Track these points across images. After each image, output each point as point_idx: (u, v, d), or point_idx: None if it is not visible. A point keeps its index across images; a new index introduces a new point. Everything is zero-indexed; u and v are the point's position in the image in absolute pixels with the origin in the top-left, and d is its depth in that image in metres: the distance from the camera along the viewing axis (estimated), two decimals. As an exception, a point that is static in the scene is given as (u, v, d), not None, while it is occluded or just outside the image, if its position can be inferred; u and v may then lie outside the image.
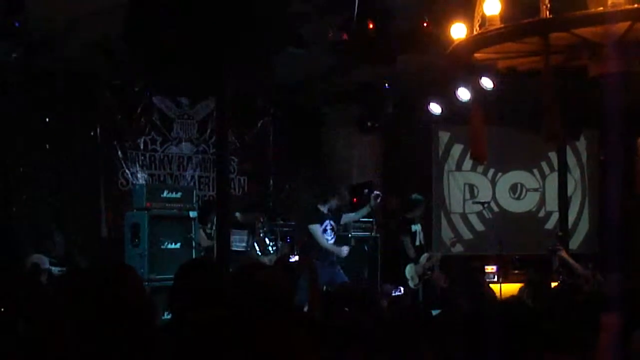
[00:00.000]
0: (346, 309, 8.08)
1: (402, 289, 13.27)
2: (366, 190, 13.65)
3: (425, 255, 13.88)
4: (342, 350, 4.82)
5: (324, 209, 12.49)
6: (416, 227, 14.24)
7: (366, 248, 14.94)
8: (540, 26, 7.81)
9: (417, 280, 13.60)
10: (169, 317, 10.97)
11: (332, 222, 12.52)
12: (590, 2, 7.82)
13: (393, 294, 12.80)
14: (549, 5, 7.55)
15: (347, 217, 13.40)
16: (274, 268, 10.07)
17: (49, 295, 5.34)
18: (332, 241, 12.52)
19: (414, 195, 14.36)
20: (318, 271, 11.92)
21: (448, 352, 4.94)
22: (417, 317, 6.42)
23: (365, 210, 13.24)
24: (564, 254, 11.90)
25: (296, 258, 13.66)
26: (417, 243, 14.11)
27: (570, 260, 11.73)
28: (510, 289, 13.63)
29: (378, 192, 12.87)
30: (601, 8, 7.44)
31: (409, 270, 13.69)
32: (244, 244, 12.03)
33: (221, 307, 4.58)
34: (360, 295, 8.94)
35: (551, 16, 7.63)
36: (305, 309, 6.65)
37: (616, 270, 7.48)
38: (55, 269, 11.57)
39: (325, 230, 12.43)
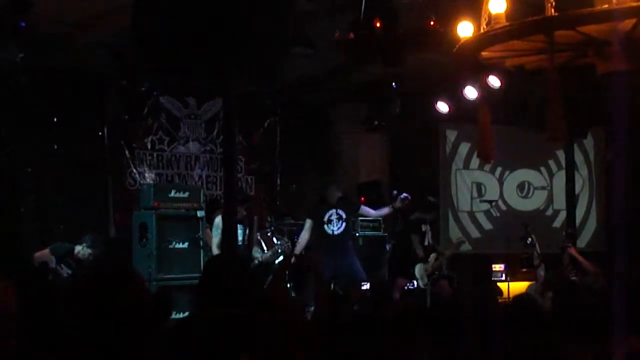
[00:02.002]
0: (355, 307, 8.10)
1: (415, 283, 13.26)
2: (395, 192, 13.50)
3: (433, 255, 13.89)
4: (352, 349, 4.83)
5: (331, 198, 12.38)
6: (426, 227, 14.25)
7: (387, 247, 14.89)
8: (545, 24, 7.80)
9: (427, 279, 13.61)
10: (177, 316, 10.99)
11: (340, 211, 12.35)
12: (598, 0, 7.81)
13: (406, 288, 12.80)
14: (554, 3, 7.54)
15: (366, 211, 13.13)
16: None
17: (55, 293, 5.37)
18: (338, 231, 12.37)
19: (430, 198, 14.40)
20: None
21: (454, 349, 4.94)
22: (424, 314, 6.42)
23: (386, 210, 13.01)
24: (573, 251, 11.90)
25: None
26: (426, 243, 14.11)
27: (580, 258, 11.73)
28: (518, 287, 13.64)
29: (407, 195, 12.66)
30: (606, 5, 7.43)
31: (419, 269, 13.70)
32: (239, 238, 12.00)
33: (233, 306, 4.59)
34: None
35: (556, 14, 7.62)
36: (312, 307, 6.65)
37: (622, 269, 7.49)
38: (66, 269, 11.59)
39: (330, 221, 12.32)
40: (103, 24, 11.17)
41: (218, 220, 12.13)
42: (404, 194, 12.60)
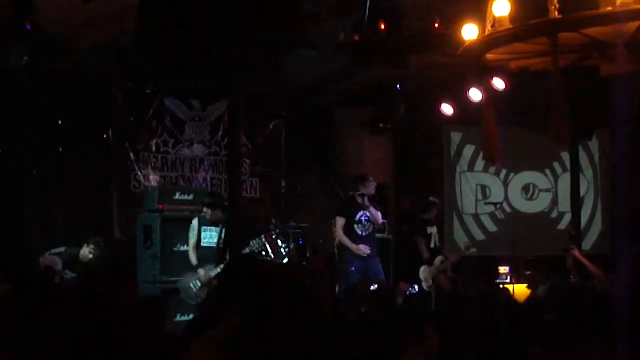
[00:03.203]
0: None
1: (417, 287, 13.23)
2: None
3: (440, 258, 13.88)
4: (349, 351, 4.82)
5: (360, 199, 12.36)
6: (432, 230, 14.24)
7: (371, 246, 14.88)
8: (548, 26, 7.80)
9: (431, 282, 13.59)
10: (182, 318, 10.98)
11: (368, 213, 12.34)
12: (602, 2, 7.81)
13: (409, 293, 12.77)
14: (557, 6, 7.55)
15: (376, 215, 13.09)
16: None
17: (60, 296, 5.37)
18: (367, 232, 12.38)
19: (431, 198, 14.38)
20: (349, 267, 12.03)
21: (458, 348, 4.94)
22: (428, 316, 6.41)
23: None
24: (577, 254, 11.85)
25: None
26: (432, 245, 14.10)
27: (585, 261, 11.69)
28: (523, 289, 13.62)
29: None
30: (610, 8, 7.43)
31: (423, 271, 13.69)
32: (214, 240, 11.98)
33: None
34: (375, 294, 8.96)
35: (559, 16, 7.62)
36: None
37: (626, 270, 7.48)
38: (70, 274, 11.57)
39: (360, 222, 12.31)
40: (108, 26, 11.18)
41: (195, 222, 12.07)
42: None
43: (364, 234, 12.41)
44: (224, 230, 11.87)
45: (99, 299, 3.12)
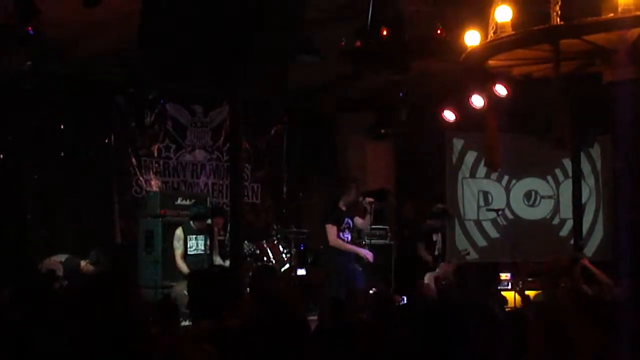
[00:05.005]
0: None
1: (406, 298, 13.18)
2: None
3: (442, 264, 13.88)
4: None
5: (342, 206, 12.29)
6: (436, 237, 14.24)
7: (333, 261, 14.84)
8: (550, 33, 7.81)
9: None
10: (182, 324, 10.98)
11: (349, 220, 12.27)
12: (604, 9, 7.81)
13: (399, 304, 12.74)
14: (559, 12, 7.55)
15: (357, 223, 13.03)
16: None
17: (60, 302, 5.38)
18: (349, 239, 12.29)
19: (439, 205, 14.40)
20: (342, 266, 11.95)
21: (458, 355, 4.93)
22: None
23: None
24: (586, 262, 11.83)
25: (302, 271, 13.67)
26: (436, 252, 14.09)
27: (593, 269, 11.66)
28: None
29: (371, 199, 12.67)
30: (612, 14, 7.43)
31: (428, 277, 13.68)
32: (201, 248, 11.98)
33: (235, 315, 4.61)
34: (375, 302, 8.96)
35: (561, 23, 7.62)
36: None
37: (629, 277, 7.48)
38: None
39: (344, 230, 12.21)
40: (110, 31, 11.19)
41: (179, 232, 12.00)
42: (367, 199, 12.57)
43: (348, 241, 12.31)
44: (208, 237, 11.90)
45: (105, 304, 3.11)
